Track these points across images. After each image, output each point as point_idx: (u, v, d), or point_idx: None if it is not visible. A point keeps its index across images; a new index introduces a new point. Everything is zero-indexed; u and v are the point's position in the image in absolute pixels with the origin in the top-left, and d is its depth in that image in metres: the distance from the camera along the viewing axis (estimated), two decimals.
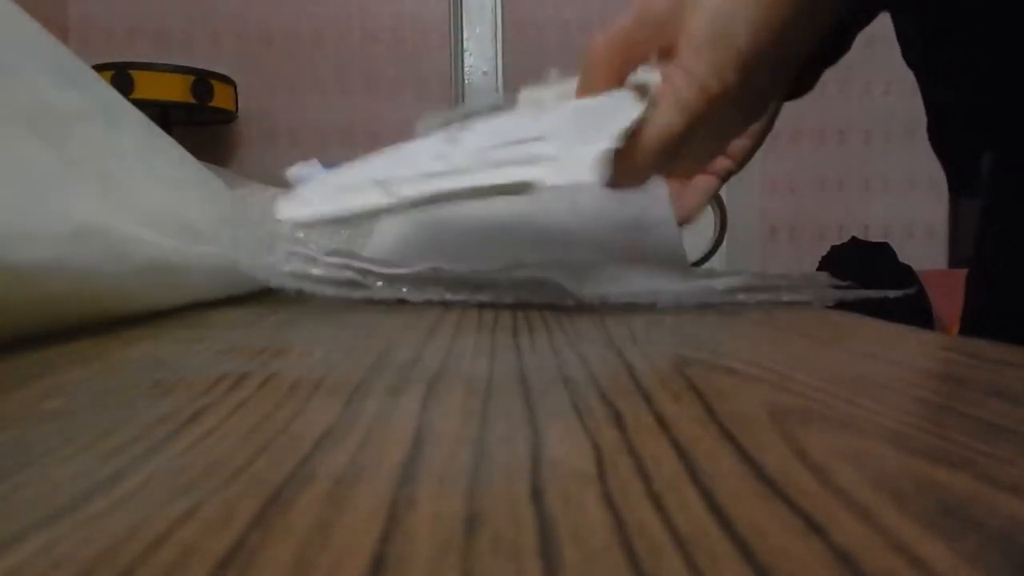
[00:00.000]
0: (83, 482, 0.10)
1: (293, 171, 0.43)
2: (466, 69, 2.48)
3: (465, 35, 2.48)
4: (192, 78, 1.94)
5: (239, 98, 2.17)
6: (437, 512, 0.09)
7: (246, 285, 0.40)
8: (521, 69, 2.47)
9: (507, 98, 0.40)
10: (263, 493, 0.10)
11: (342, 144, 2.40)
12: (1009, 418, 0.14)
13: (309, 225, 0.33)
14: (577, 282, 0.34)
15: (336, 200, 0.33)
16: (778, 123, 0.51)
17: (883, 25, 0.42)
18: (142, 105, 0.35)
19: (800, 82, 0.39)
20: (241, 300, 0.38)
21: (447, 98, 2.44)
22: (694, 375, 0.18)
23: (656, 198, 0.47)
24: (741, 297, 0.35)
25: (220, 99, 2.03)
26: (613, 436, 0.13)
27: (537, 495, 0.10)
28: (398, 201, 0.31)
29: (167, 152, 0.36)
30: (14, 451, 0.12)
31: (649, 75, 0.32)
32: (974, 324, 0.43)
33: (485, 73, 2.48)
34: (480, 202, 0.32)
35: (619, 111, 0.31)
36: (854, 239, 2.25)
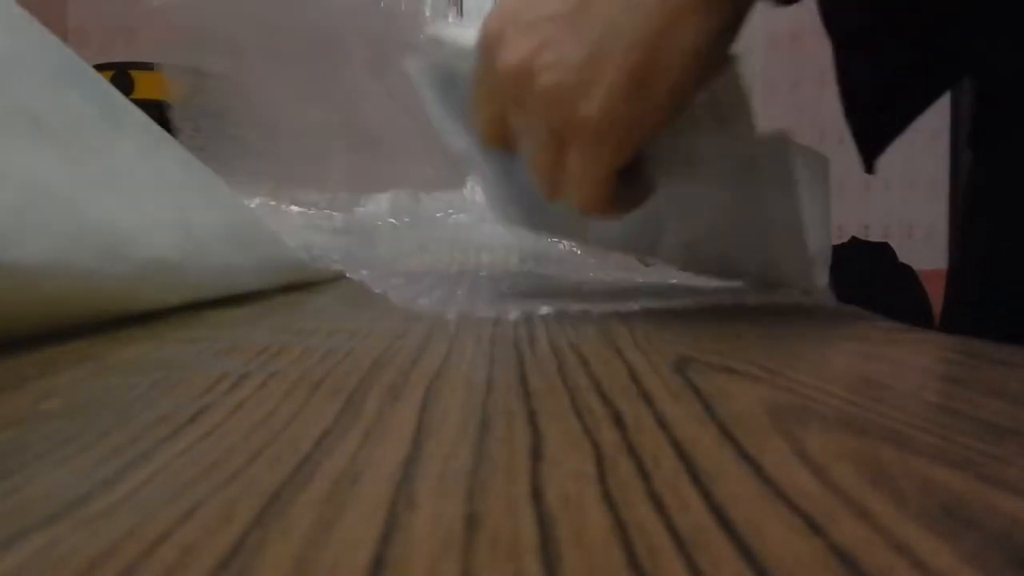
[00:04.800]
0: (83, 482, 0.10)
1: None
2: None
3: None
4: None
5: None
6: (437, 512, 0.09)
7: (246, 285, 0.40)
8: None
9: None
10: (263, 493, 0.10)
11: (341, 145, 2.40)
12: (1009, 418, 0.14)
13: None
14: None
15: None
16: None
17: None
18: (142, 105, 0.35)
19: None
20: (241, 300, 0.38)
21: None
22: (694, 375, 0.18)
23: None
24: (749, 300, 0.35)
25: None
26: (613, 436, 0.13)
27: (537, 495, 0.10)
28: None
29: (168, 152, 0.36)
30: (14, 451, 0.12)
31: None
32: (954, 320, 0.43)
33: None
34: None
35: None
36: (854, 239, 2.25)
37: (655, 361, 0.20)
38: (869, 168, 0.43)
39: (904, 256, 2.21)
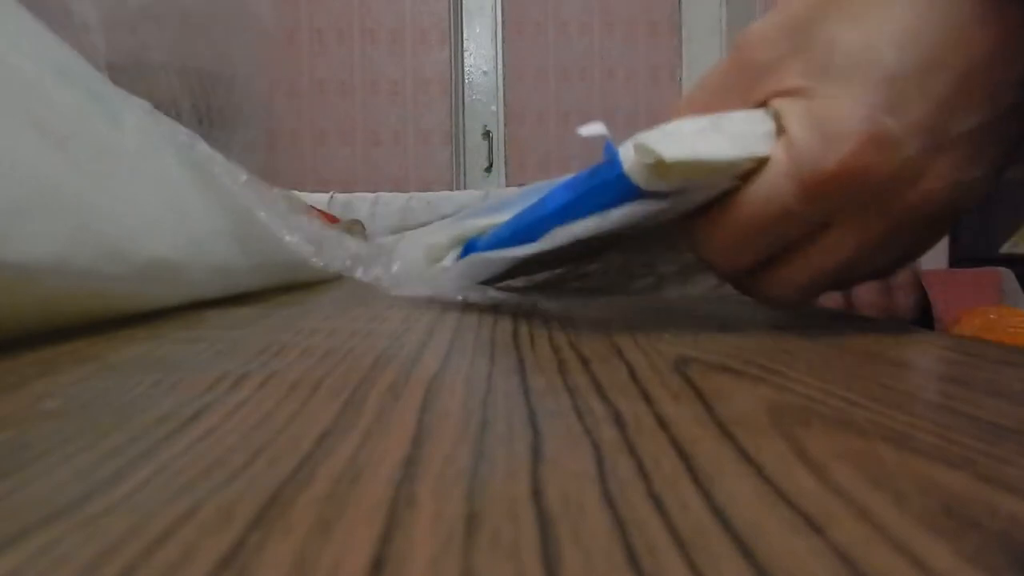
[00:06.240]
0: (83, 482, 0.10)
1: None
2: (466, 69, 2.48)
3: (465, 35, 2.48)
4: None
5: None
6: (437, 512, 0.09)
7: (246, 285, 0.40)
8: (521, 69, 2.48)
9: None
10: (263, 493, 0.10)
11: (342, 144, 2.40)
12: (1009, 418, 0.14)
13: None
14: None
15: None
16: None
17: None
18: None
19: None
20: (241, 300, 0.38)
21: (447, 98, 2.44)
22: (694, 375, 0.18)
23: None
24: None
25: None
26: (613, 436, 0.13)
27: (537, 495, 0.10)
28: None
29: (169, 151, 0.36)
30: (14, 451, 0.12)
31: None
32: None
33: (485, 73, 2.48)
34: None
35: (752, 125, 0.24)
36: None
37: (655, 361, 0.20)
38: None
39: None
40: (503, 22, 2.47)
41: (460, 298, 0.32)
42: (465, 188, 2.41)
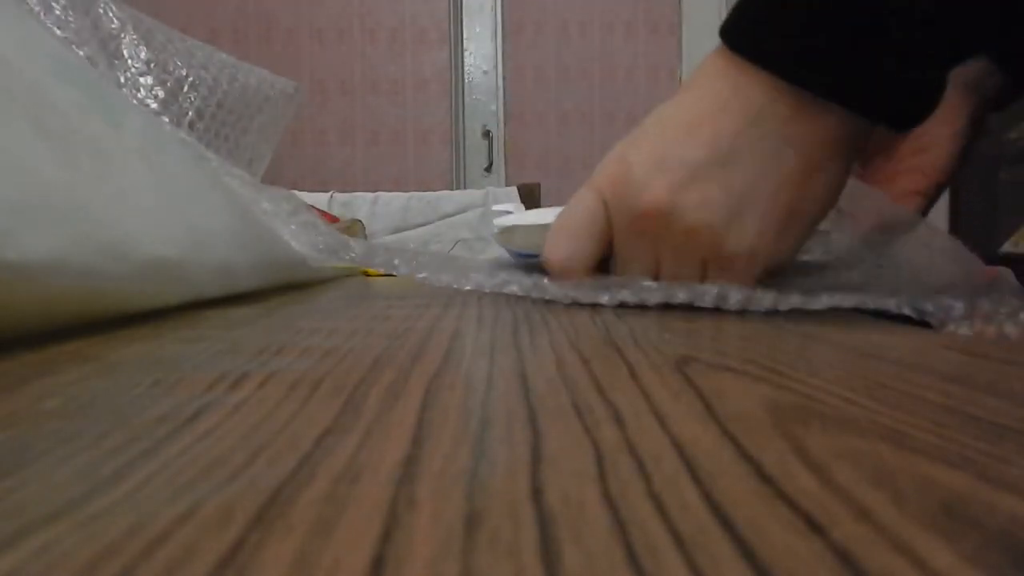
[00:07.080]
0: (83, 482, 0.10)
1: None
2: (466, 69, 2.48)
3: (465, 35, 2.48)
4: None
5: None
6: (437, 512, 0.09)
7: (247, 284, 0.40)
8: (521, 69, 2.48)
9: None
10: (263, 492, 0.10)
11: (342, 143, 2.40)
12: (1009, 418, 0.14)
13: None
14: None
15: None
16: None
17: None
18: None
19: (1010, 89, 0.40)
20: (241, 299, 0.38)
21: (447, 98, 2.44)
22: (694, 374, 0.18)
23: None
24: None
25: None
26: (613, 436, 0.13)
27: (537, 495, 0.10)
28: None
29: (170, 151, 0.36)
30: (14, 451, 0.12)
31: None
32: None
33: (485, 73, 2.48)
34: None
35: None
36: None
37: (655, 360, 0.20)
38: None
39: None
40: (503, 22, 2.47)
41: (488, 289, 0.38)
42: (465, 188, 2.41)
